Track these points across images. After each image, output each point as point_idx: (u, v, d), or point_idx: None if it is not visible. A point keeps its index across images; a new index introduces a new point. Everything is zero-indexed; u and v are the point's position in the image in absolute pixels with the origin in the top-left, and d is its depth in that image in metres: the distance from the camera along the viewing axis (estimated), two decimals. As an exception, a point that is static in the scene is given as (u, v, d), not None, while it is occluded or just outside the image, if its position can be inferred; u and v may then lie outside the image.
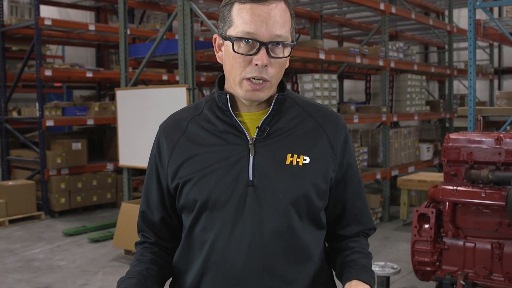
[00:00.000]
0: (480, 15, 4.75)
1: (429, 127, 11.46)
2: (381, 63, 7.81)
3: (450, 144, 3.98)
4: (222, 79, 1.54)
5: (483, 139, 3.87)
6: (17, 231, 7.64)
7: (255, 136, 1.46)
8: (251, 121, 1.48)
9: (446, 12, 11.19)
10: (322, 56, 6.65)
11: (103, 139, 10.33)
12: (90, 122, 8.99)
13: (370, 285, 1.41)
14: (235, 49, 1.40)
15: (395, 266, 3.96)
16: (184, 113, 1.57)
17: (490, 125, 5.15)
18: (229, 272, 1.41)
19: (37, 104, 8.32)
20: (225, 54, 1.45)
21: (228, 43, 1.42)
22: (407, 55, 9.00)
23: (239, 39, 1.39)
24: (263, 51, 1.38)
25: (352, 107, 7.93)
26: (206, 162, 1.45)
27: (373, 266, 3.84)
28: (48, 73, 8.26)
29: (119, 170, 9.39)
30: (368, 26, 10.09)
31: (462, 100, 11.82)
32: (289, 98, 1.52)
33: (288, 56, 1.44)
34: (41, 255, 6.49)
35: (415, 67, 8.82)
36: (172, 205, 1.55)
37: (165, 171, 1.52)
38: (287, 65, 1.47)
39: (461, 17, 13.45)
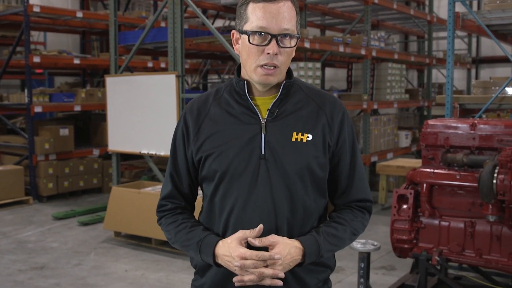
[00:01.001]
0: (460, 7, 5.02)
1: (407, 115, 11.79)
2: (363, 52, 8.07)
3: (428, 129, 4.25)
4: (239, 69, 1.78)
5: (459, 125, 4.14)
6: (6, 215, 7.79)
7: (266, 117, 1.71)
8: (263, 104, 1.73)
9: (427, 1, 11.47)
10: (307, 44, 6.89)
11: (89, 125, 10.47)
12: (77, 108, 9.12)
13: (305, 248, 1.64)
14: (251, 41, 1.65)
15: (375, 243, 4.23)
16: (208, 97, 1.82)
17: (466, 112, 5.44)
18: (246, 229, 1.65)
19: (25, 90, 8.43)
20: (242, 46, 1.70)
21: (244, 37, 1.67)
22: (388, 44, 9.27)
23: (254, 32, 1.64)
24: (273, 42, 1.63)
25: (335, 95, 8.18)
26: (225, 138, 1.70)
27: (354, 243, 4.13)
28: (36, 59, 8.37)
29: (105, 156, 9.56)
30: (350, 15, 10.33)
31: (440, 89, 12.16)
32: (295, 85, 1.77)
33: (295, 46, 1.69)
34: (33, 237, 6.67)
35: (396, 56, 9.10)
36: (196, 176, 1.79)
37: (191, 146, 1.76)
38: (293, 54, 1.73)
39: (441, 7, 13.74)
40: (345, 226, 1.76)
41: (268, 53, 1.63)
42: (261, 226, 1.61)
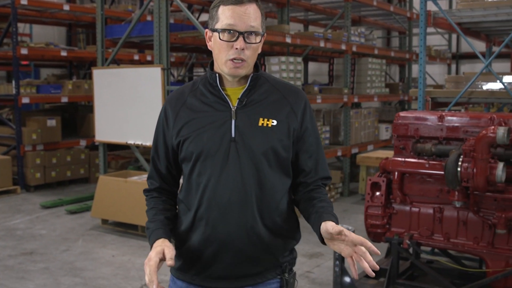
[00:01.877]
0: (433, 6, 5.29)
1: (389, 109, 12.08)
2: (343, 47, 8.32)
3: (399, 121, 4.51)
4: (212, 63, 2.02)
5: (428, 117, 4.41)
6: (-5, 203, 7.95)
7: (236, 105, 1.95)
8: (233, 94, 1.97)
9: (407, -2, 11.75)
10: (288, 40, 7.12)
11: (75, 116, 10.62)
12: (65, 100, 9.28)
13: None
14: (221, 38, 1.89)
15: (349, 227, 4.47)
16: (185, 89, 2.06)
17: (439, 105, 5.71)
18: (218, 203, 1.90)
19: (13, 82, 8.57)
20: (214, 42, 1.94)
21: (215, 34, 1.91)
22: (368, 40, 9.52)
23: (224, 30, 1.88)
24: (241, 38, 1.87)
25: (316, 88, 8.44)
26: (200, 124, 1.94)
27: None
28: (24, 51, 8.52)
29: (92, 147, 9.73)
30: (332, 11, 10.57)
31: (420, 83, 12.45)
32: (262, 77, 2.02)
33: (260, 42, 1.93)
34: (22, 225, 6.85)
35: (376, 51, 9.37)
36: (174, 158, 2.02)
37: (170, 131, 2.00)
38: (259, 50, 1.97)
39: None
40: (330, 203, 2.01)
41: (236, 48, 1.86)
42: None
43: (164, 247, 1.83)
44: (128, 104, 6.88)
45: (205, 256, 1.94)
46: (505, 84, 5.00)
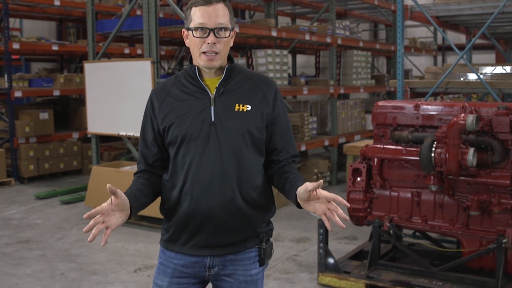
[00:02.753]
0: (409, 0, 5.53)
1: (377, 100, 12.32)
2: (328, 40, 8.55)
3: (378, 110, 4.75)
4: (191, 58, 2.27)
5: (405, 105, 4.65)
6: (-10, 195, 8.14)
7: (214, 93, 2.19)
8: (211, 84, 2.22)
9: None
10: (274, 33, 7.34)
11: (67, 109, 10.79)
12: (56, 93, 9.46)
13: None
14: (194, 35, 2.15)
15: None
16: (168, 81, 2.31)
17: (418, 95, 5.96)
18: (201, 180, 2.13)
19: (5, 76, 8.73)
20: (190, 40, 2.19)
21: (190, 32, 2.17)
22: (353, 33, 9.76)
23: (196, 28, 2.14)
24: (211, 34, 2.12)
25: (302, 80, 8.67)
26: (183, 111, 2.18)
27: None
28: (16, 46, 8.68)
29: (84, 139, 9.93)
30: (318, 5, 10.78)
31: (406, 74, 12.72)
32: (236, 68, 2.26)
33: (229, 36, 2.17)
34: (17, 215, 7.05)
35: (361, 44, 9.61)
36: (161, 142, 2.25)
37: (156, 119, 2.23)
38: (231, 43, 2.21)
39: (406, -3, 14.28)
40: (300, 175, 2.24)
41: (208, 43, 2.12)
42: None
43: (112, 198, 2.02)
44: (119, 96, 7.08)
45: (190, 228, 2.18)
46: (479, 74, 5.25)
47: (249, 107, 2.18)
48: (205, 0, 2.12)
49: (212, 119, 2.15)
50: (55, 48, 9.36)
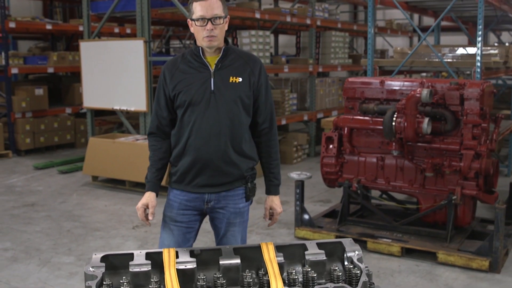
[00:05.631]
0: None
1: (353, 78, 12.97)
2: (308, 21, 9.16)
3: (348, 85, 5.41)
4: (195, 41, 2.86)
5: (371, 81, 5.31)
6: (-10, 166, 8.68)
7: (213, 68, 2.81)
8: (211, 61, 2.83)
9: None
10: (257, 15, 7.94)
11: (59, 86, 11.29)
12: (51, 70, 9.95)
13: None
14: (196, 24, 2.76)
15: (307, 174, 5.42)
16: (177, 58, 2.92)
17: (386, 73, 6.62)
18: (202, 134, 2.76)
19: (2, 54, 9.21)
20: (194, 28, 2.80)
21: (193, 22, 2.78)
22: (332, 15, 10.36)
23: (197, 19, 2.74)
24: (209, 23, 2.72)
25: (283, 59, 9.28)
26: (189, 81, 2.80)
27: (291, 174, 5.31)
28: (12, 25, 9.14)
29: (77, 114, 10.46)
30: (299, -13, 11.35)
31: (382, 55, 13.39)
32: (231, 49, 2.88)
33: (224, 23, 2.76)
34: (19, 183, 7.62)
35: (339, 25, 10.23)
36: (172, 106, 2.87)
37: (168, 87, 2.85)
38: (226, 27, 2.81)
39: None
40: (277, 156, 2.95)
41: (207, 29, 2.72)
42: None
43: (149, 202, 2.83)
44: (114, 73, 7.64)
45: (193, 171, 2.82)
46: (440, 55, 5.91)
47: (240, 79, 2.80)
48: None
49: (212, 88, 2.76)
50: (48, 27, 9.82)
